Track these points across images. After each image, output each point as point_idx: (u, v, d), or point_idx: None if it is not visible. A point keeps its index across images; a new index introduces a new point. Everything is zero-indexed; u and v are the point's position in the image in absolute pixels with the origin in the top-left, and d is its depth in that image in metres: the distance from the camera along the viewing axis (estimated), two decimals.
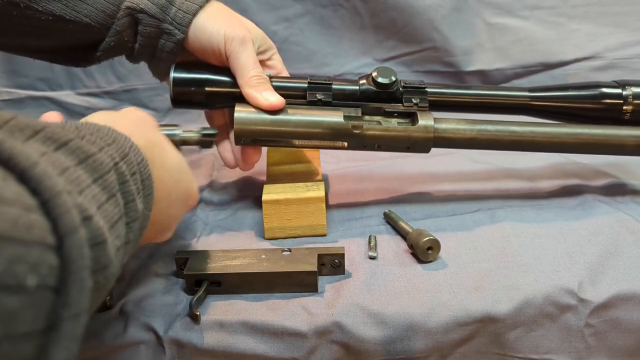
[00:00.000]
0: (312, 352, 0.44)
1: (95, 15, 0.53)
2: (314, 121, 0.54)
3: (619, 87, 0.60)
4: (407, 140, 0.56)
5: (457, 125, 0.57)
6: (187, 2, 0.53)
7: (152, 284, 0.49)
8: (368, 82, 0.57)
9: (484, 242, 0.53)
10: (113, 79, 0.86)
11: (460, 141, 0.57)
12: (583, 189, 0.63)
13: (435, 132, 0.56)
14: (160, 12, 0.52)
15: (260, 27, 0.90)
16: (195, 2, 0.53)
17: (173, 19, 0.53)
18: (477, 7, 0.84)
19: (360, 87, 0.57)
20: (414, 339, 0.44)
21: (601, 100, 0.60)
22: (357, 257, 0.51)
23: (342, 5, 0.84)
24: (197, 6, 0.53)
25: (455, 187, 0.66)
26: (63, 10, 0.52)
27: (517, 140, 0.58)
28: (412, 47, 0.86)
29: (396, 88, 0.57)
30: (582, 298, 0.45)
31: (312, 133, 0.55)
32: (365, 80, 0.58)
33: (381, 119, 0.57)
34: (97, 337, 0.43)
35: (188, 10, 0.53)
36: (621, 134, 0.58)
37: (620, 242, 0.52)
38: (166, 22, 0.53)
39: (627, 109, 0.60)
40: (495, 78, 0.87)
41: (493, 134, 0.57)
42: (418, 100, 0.57)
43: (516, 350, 0.46)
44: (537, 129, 0.58)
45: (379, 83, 0.56)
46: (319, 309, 0.45)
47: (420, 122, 0.55)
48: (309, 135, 0.55)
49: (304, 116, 0.55)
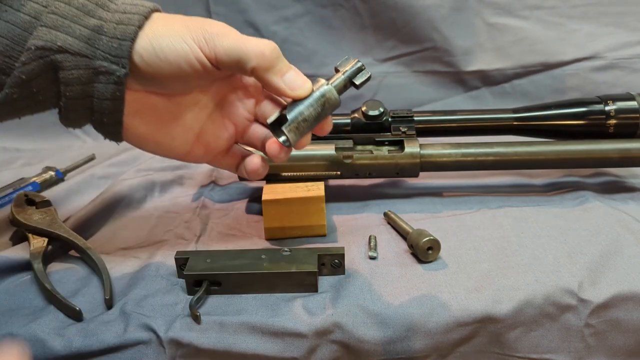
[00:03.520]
0: (312, 352, 0.44)
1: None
2: (309, 155, 0.59)
3: (601, 102, 0.62)
4: (395, 167, 0.60)
5: (442, 150, 0.60)
6: (120, 25, 0.39)
7: (152, 284, 0.49)
8: (358, 114, 0.63)
9: (484, 242, 0.53)
10: None
11: (446, 164, 0.61)
12: (583, 189, 0.63)
13: (422, 158, 0.60)
14: (87, 47, 0.38)
15: (260, 27, 0.90)
16: (131, 22, 0.39)
17: (107, 52, 0.38)
18: (477, 7, 0.84)
19: (351, 120, 0.63)
20: (414, 339, 0.44)
21: (585, 117, 0.62)
22: (357, 257, 0.51)
23: (342, 5, 0.84)
24: (134, 27, 0.39)
25: (456, 187, 0.67)
26: None
27: (502, 160, 0.60)
28: (412, 47, 0.86)
29: (385, 118, 0.62)
30: (582, 298, 0.45)
31: (308, 166, 0.59)
32: (356, 114, 0.63)
33: (373, 148, 0.61)
34: (97, 337, 0.43)
35: (124, 35, 0.38)
36: (605, 148, 0.59)
37: (620, 242, 0.52)
38: (97, 57, 0.38)
39: (610, 123, 0.61)
40: (495, 78, 0.87)
41: (477, 156, 0.60)
42: (406, 128, 0.62)
43: (516, 350, 0.46)
44: (521, 149, 0.60)
45: (369, 115, 0.62)
46: (319, 309, 0.45)
47: (407, 149, 0.60)
48: (305, 168, 0.59)
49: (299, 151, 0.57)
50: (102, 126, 0.42)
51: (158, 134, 0.44)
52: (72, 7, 0.38)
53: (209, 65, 0.40)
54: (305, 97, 0.42)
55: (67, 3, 0.38)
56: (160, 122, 0.44)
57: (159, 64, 0.39)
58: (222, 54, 0.40)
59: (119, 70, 0.39)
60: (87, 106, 0.40)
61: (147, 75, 0.40)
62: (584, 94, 0.84)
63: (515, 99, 0.87)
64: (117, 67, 0.39)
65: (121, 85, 0.39)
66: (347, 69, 0.43)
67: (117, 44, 0.38)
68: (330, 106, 0.42)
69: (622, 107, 0.62)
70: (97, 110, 0.40)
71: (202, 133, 0.46)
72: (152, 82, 0.41)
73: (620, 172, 0.68)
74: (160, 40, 0.39)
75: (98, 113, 0.40)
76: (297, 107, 0.42)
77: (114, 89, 0.39)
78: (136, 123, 0.43)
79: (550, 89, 0.86)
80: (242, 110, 0.47)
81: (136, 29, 0.39)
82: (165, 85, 0.42)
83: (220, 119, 0.47)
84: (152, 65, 0.39)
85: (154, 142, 0.44)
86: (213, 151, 0.47)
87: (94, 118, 0.41)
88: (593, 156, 0.59)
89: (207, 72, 0.41)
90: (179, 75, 0.40)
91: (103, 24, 0.39)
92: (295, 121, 0.42)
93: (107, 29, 0.39)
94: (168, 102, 0.43)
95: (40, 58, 0.38)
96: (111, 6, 0.39)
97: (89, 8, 0.39)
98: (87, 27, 0.38)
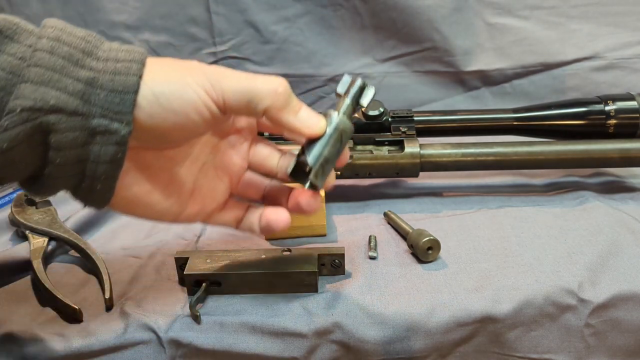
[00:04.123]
0: (312, 352, 0.44)
1: None
2: None
3: (601, 102, 0.62)
4: (395, 167, 0.60)
5: (442, 150, 0.60)
6: (117, 76, 0.33)
7: (152, 284, 0.49)
8: (358, 114, 0.63)
9: (484, 242, 0.53)
10: None
11: (446, 164, 0.60)
12: (583, 189, 0.63)
13: (422, 158, 0.60)
14: (82, 104, 0.33)
15: (260, 27, 0.90)
16: (130, 71, 0.34)
17: (106, 108, 0.33)
18: (477, 7, 0.84)
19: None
20: (414, 339, 0.44)
21: (585, 117, 0.62)
22: (357, 257, 0.51)
23: (342, 5, 0.84)
24: (135, 77, 0.34)
25: (456, 187, 0.67)
26: None
27: (502, 160, 0.60)
28: (412, 47, 0.86)
29: (385, 118, 0.62)
30: (582, 298, 0.45)
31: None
32: (356, 114, 0.62)
33: (373, 148, 0.61)
34: (97, 337, 0.43)
35: (125, 87, 0.33)
36: (605, 148, 0.59)
37: (620, 242, 0.52)
38: (94, 115, 0.33)
39: (610, 123, 0.61)
40: (495, 78, 0.87)
41: (477, 156, 0.60)
42: (406, 128, 0.62)
43: (516, 350, 0.46)
44: (521, 149, 0.60)
45: (369, 115, 0.61)
46: (319, 309, 0.45)
47: (407, 150, 0.60)
48: None
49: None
50: (90, 193, 0.35)
51: (150, 194, 0.38)
52: (57, 57, 0.32)
53: (216, 112, 0.36)
54: (321, 135, 0.38)
55: (51, 52, 0.32)
56: (153, 180, 0.38)
57: (162, 115, 0.34)
58: (230, 97, 0.36)
59: (121, 128, 0.33)
60: (77, 172, 0.34)
61: (146, 128, 0.34)
62: (584, 94, 0.84)
63: (515, 99, 0.87)
64: (120, 125, 0.33)
65: (123, 145, 0.34)
66: (350, 91, 0.40)
67: (118, 99, 0.33)
68: (346, 137, 0.39)
69: (622, 107, 0.62)
70: (90, 175, 0.34)
71: (196, 189, 0.41)
72: (150, 136, 0.35)
73: (620, 172, 0.68)
74: (163, 88, 0.34)
75: (90, 179, 0.34)
76: (315, 148, 0.38)
77: (114, 150, 0.34)
78: (127, 185, 0.37)
79: (550, 89, 0.86)
80: (235, 159, 0.42)
81: (137, 79, 0.34)
82: (164, 138, 0.36)
83: (213, 170, 0.42)
84: (154, 116, 0.34)
85: (144, 205, 0.39)
86: (208, 207, 0.42)
87: (83, 185, 0.35)
88: (593, 156, 0.59)
89: (214, 119, 0.36)
90: (183, 126, 0.35)
91: (96, 76, 0.33)
92: (318, 164, 0.38)
93: (103, 81, 0.33)
94: (160, 157, 0.39)
95: (28, 121, 0.31)
96: (99, 54, 0.34)
97: (76, 57, 0.33)
98: (79, 80, 0.33)
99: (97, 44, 0.34)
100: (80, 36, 0.34)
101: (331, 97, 0.88)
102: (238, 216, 0.42)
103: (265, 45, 0.86)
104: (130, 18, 0.83)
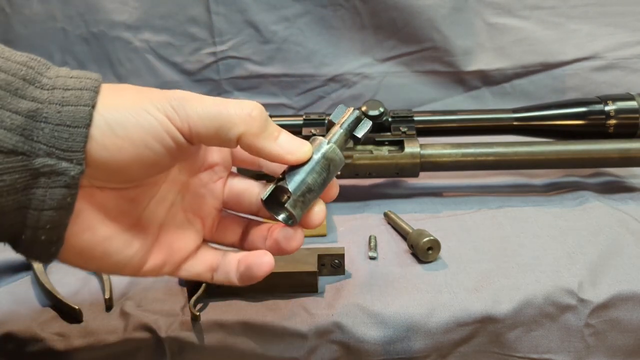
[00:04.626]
0: (312, 352, 0.44)
1: None
2: None
3: (601, 102, 0.62)
4: (395, 167, 0.60)
5: (442, 150, 0.60)
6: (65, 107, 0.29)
7: (152, 284, 0.49)
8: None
9: (484, 242, 0.53)
10: (113, 79, 0.86)
11: (446, 164, 0.60)
12: (583, 189, 0.63)
13: (422, 158, 0.60)
14: (23, 141, 0.28)
15: (260, 27, 0.90)
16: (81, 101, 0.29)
17: (51, 145, 0.28)
18: (477, 7, 0.84)
19: None
20: (414, 339, 0.44)
21: (584, 117, 0.62)
22: (357, 257, 0.51)
23: (342, 5, 0.84)
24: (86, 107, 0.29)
25: (456, 187, 0.67)
26: None
27: (502, 160, 0.60)
28: (412, 47, 0.86)
29: (385, 118, 0.62)
30: (582, 298, 0.45)
31: None
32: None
33: (373, 148, 0.61)
34: (97, 337, 0.43)
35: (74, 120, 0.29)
36: (605, 148, 0.59)
37: (620, 242, 0.52)
38: (37, 154, 0.28)
39: (610, 123, 0.61)
40: (495, 78, 0.87)
41: (477, 156, 0.60)
42: (406, 128, 0.62)
43: (516, 350, 0.46)
44: (521, 149, 0.60)
45: (369, 115, 0.62)
46: (319, 309, 0.45)
47: (407, 150, 0.60)
48: None
49: None
50: (32, 246, 0.30)
51: (106, 242, 0.33)
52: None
53: (181, 140, 0.31)
54: (305, 161, 0.34)
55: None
56: (110, 225, 0.33)
57: (118, 145, 0.29)
58: (197, 123, 0.31)
59: (71, 168, 0.29)
60: (16, 222, 0.29)
61: (100, 163, 0.30)
62: (584, 94, 0.84)
63: (515, 99, 0.87)
64: (69, 164, 0.28)
65: (74, 188, 0.29)
66: (344, 121, 0.37)
67: (66, 134, 0.28)
68: (335, 168, 0.36)
69: (622, 107, 0.62)
70: (32, 225, 0.29)
71: (161, 235, 0.36)
72: (106, 172, 0.31)
73: (620, 172, 0.68)
74: (117, 115, 0.30)
75: (32, 229, 0.29)
76: (297, 175, 0.34)
77: (62, 194, 0.29)
78: (77, 231, 0.31)
79: (550, 89, 0.86)
80: (208, 199, 0.37)
81: (89, 109, 0.29)
82: (122, 174, 0.31)
83: (182, 212, 0.37)
84: (109, 148, 0.29)
85: (99, 255, 0.33)
86: (177, 256, 0.36)
87: (24, 237, 0.29)
88: (593, 156, 0.59)
89: (179, 150, 0.32)
90: (143, 158, 0.30)
91: (40, 107, 0.28)
92: (299, 192, 0.34)
93: (48, 113, 0.28)
94: (119, 198, 0.33)
95: None
96: (44, 81, 0.29)
97: (15, 86, 0.28)
98: (19, 113, 0.28)
99: (42, 69, 0.30)
100: (20, 61, 0.29)
101: (331, 97, 0.88)
102: (212, 264, 0.37)
103: (265, 45, 0.86)
104: (130, 18, 0.83)
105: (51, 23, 0.82)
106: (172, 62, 0.86)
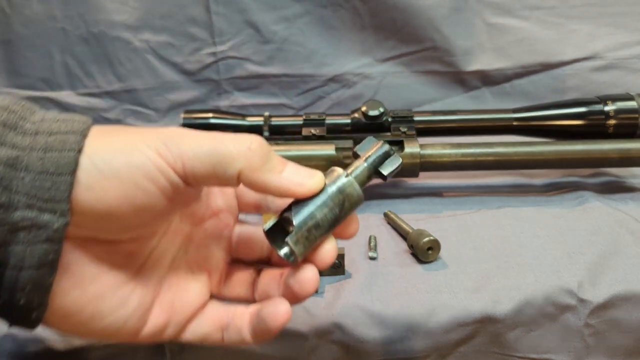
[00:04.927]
0: (311, 353, 0.44)
1: None
2: (309, 155, 0.60)
3: (600, 102, 0.62)
4: None
5: (442, 150, 0.60)
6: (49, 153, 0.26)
7: None
8: (358, 115, 0.63)
9: (484, 242, 0.53)
10: (113, 79, 0.86)
11: (446, 164, 0.60)
12: (583, 189, 0.63)
13: (422, 158, 0.60)
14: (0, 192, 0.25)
15: (260, 27, 0.90)
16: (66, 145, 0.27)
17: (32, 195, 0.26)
18: (477, 7, 0.84)
19: (351, 120, 0.63)
20: (414, 339, 0.44)
21: (584, 117, 0.62)
22: (357, 257, 0.51)
23: (342, 6, 0.84)
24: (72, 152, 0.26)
25: (456, 187, 0.67)
26: None
27: (502, 160, 0.60)
28: (412, 47, 0.86)
29: (385, 118, 0.63)
30: (581, 298, 0.45)
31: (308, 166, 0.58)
32: (356, 114, 0.63)
33: None
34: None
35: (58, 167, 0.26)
36: (605, 148, 0.59)
37: (620, 242, 0.52)
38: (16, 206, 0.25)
39: (610, 123, 0.61)
40: (495, 78, 0.87)
41: (477, 156, 0.60)
42: (406, 128, 0.62)
43: (515, 350, 0.46)
44: (521, 149, 0.60)
45: (369, 115, 0.62)
46: (318, 309, 0.45)
47: (407, 150, 0.59)
48: None
49: (299, 151, 0.59)
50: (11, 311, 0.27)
51: (97, 301, 0.29)
52: None
53: (176, 180, 0.28)
54: (316, 193, 0.31)
55: None
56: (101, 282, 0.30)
57: (104, 186, 0.26)
58: (191, 160, 0.28)
59: (54, 220, 0.26)
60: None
61: (86, 209, 0.27)
62: (584, 94, 0.84)
63: (515, 99, 0.87)
64: (52, 216, 0.26)
65: (57, 243, 0.26)
66: (369, 155, 0.33)
67: (49, 182, 0.25)
68: (350, 205, 0.31)
69: (622, 107, 0.62)
70: (9, 287, 0.26)
71: (162, 291, 0.33)
72: (93, 219, 0.27)
73: (620, 172, 0.68)
74: (105, 154, 0.27)
75: (9, 292, 0.26)
76: (305, 207, 0.30)
77: (44, 250, 0.26)
78: (63, 289, 0.28)
79: (550, 89, 0.87)
80: (215, 249, 0.35)
81: (75, 154, 0.26)
82: (112, 220, 0.28)
83: (186, 266, 0.34)
84: (94, 189, 0.26)
85: (89, 317, 0.29)
86: (181, 316, 0.33)
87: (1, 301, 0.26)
88: (593, 156, 0.60)
89: (175, 191, 0.29)
90: (133, 200, 0.27)
91: (20, 155, 0.26)
92: (304, 227, 0.30)
93: (29, 161, 0.26)
94: (113, 252, 0.30)
95: None
96: (27, 126, 0.27)
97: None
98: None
99: (25, 114, 0.27)
100: (1, 105, 0.27)
101: (331, 98, 0.88)
102: (222, 322, 0.33)
103: (265, 45, 0.86)
104: (130, 18, 0.83)
105: (51, 23, 0.82)
106: (172, 62, 0.86)
